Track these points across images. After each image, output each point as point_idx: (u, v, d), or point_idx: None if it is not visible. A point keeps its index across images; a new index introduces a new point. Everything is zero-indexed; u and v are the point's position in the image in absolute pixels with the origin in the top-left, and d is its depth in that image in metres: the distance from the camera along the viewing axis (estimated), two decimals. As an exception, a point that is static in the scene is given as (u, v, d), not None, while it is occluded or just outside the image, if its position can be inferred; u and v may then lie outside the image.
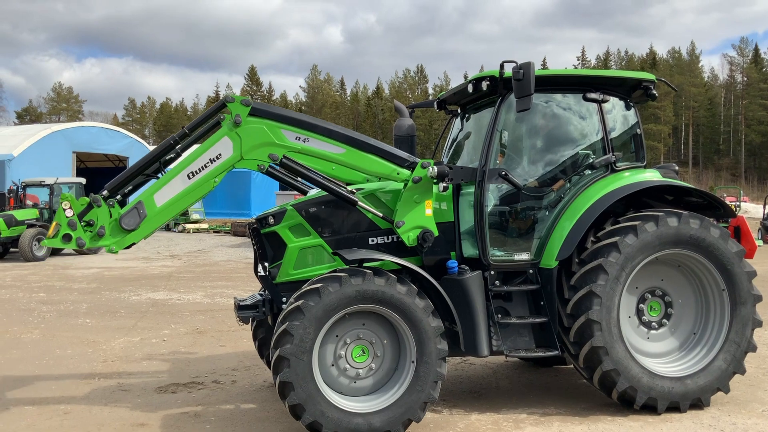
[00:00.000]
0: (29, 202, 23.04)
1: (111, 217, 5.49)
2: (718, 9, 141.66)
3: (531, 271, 6.09)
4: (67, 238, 5.41)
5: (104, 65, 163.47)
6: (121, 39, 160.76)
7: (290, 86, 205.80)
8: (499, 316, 5.89)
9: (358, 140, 5.81)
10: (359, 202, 5.80)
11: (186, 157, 5.67)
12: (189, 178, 5.58)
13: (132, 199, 5.72)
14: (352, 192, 5.88)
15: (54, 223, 5.43)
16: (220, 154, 5.63)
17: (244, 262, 20.33)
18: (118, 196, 5.68)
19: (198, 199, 5.72)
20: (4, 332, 9.96)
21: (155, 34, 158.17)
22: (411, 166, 5.80)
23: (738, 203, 35.27)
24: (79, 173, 33.37)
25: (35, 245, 21.10)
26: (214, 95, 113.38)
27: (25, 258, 20.78)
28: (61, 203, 5.44)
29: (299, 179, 6.08)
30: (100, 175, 37.60)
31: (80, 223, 5.42)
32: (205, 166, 5.61)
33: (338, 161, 5.77)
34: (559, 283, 5.93)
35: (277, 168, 5.77)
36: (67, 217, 5.40)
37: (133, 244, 5.60)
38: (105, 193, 5.58)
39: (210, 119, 5.84)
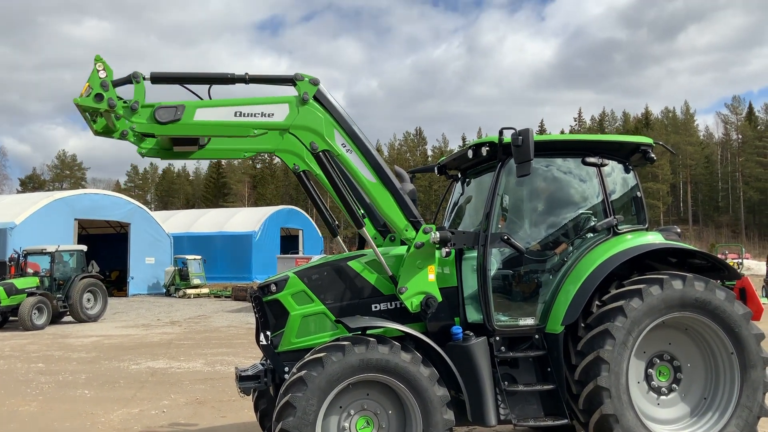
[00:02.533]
0: (30, 271, 22.97)
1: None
2: (713, 69, 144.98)
3: (537, 336, 6.01)
4: (99, 97, 5.28)
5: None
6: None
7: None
8: (506, 383, 5.79)
9: (389, 178, 5.81)
10: (364, 227, 5.83)
11: (243, 98, 5.67)
12: (235, 115, 5.58)
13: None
14: (363, 216, 5.87)
15: (86, 85, 5.33)
16: (273, 114, 5.64)
17: (245, 327, 20.13)
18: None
19: (226, 143, 5.64)
20: (1, 405, 9.77)
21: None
22: (416, 225, 5.80)
23: (740, 261, 35.16)
24: (80, 240, 33.40)
25: (35, 314, 20.95)
26: (216, 160, 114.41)
27: (25, 327, 20.59)
28: (95, 65, 5.34)
29: (317, 195, 6.08)
30: (102, 242, 37.91)
31: (113, 88, 5.33)
32: (254, 115, 5.61)
33: (365, 188, 5.80)
34: (565, 348, 5.85)
35: (306, 172, 5.76)
36: (100, 78, 5.31)
37: (152, 136, 5.52)
38: (146, 75, 5.50)
39: (274, 82, 5.80)
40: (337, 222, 6.41)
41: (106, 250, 36.91)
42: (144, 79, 5.47)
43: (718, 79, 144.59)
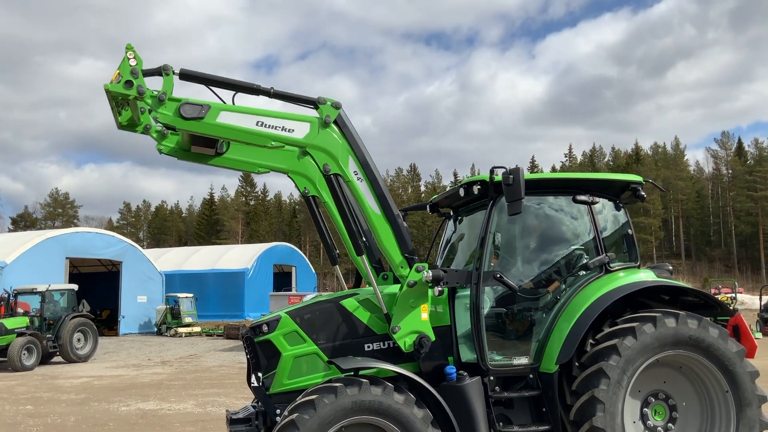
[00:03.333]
0: (20, 310, 22.73)
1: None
2: (702, 105, 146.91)
3: (531, 375, 5.97)
4: (129, 84, 5.38)
5: (103, 170, 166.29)
6: (122, 145, 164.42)
7: (285, 186, 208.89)
8: (501, 424, 5.73)
9: (392, 212, 5.87)
10: (364, 257, 5.85)
11: (268, 110, 5.77)
12: (257, 124, 5.65)
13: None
14: (365, 243, 5.91)
15: (116, 72, 5.43)
16: (293, 130, 5.72)
17: (236, 367, 19.90)
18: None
19: (243, 152, 5.84)
20: (-13, 449, 9.58)
21: (154, 141, 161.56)
22: (411, 262, 5.80)
23: (734, 295, 35.18)
24: (71, 279, 33.17)
25: (24, 355, 20.67)
26: (209, 197, 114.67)
27: (14, 368, 20.29)
28: (126, 53, 5.45)
29: (323, 222, 6.15)
30: (93, 281, 37.63)
31: (142, 76, 5.44)
32: (275, 127, 5.68)
33: (369, 218, 5.84)
34: (560, 387, 5.81)
35: (315, 198, 5.89)
36: (130, 65, 5.41)
37: (173, 129, 5.65)
38: (176, 71, 5.61)
39: (297, 102, 5.87)
40: (338, 251, 6.43)
41: (97, 288, 36.61)
42: (174, 73, 5.61)
43: (708, 114, 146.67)
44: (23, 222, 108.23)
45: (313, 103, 5.80)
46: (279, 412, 5.52)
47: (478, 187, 6.17)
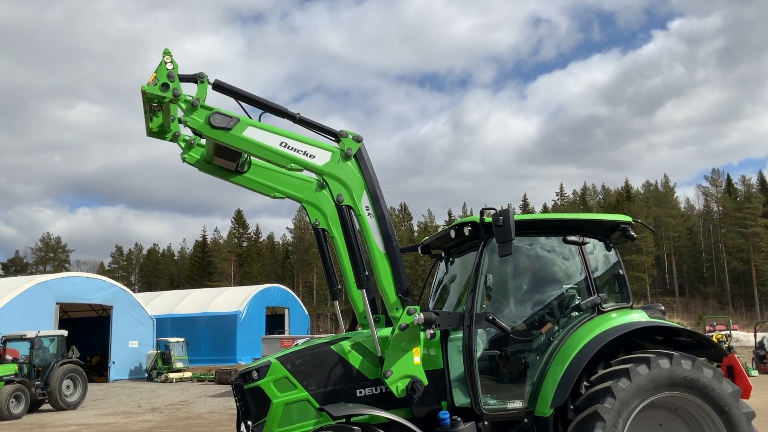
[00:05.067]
0: (9, 357, 22.37)
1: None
2: (691, 143, 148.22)
3: (526, 420, 5.89)
4: (165, 87, 5.56)
5: (96, 214, 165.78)
6: (116, 188, 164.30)
7: (278, 227, 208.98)
8: (496, 471, 5.62)
9: (394, 252, 5.92)
10: (364, 291, 5.87)
11: (294, 133, 5.90)
12: (281, 144, 5.78)
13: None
14: (367, 277, 5.93)
15: (153, 75, 5.57)
16: (314, 156, 5.84)
17: (228, 413, 19.57)
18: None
19: (262, 173, 6.12)
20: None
21: (149, 183, 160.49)
22: (404, 303, 5.79)
23: (729, 332, 35.06)
24: (61, 324, 32.74)
25: (12, 403, 20.27)
26: (201, 239, 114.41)
27: (1, 417, 19.86)
28: (163, 57, 5.62)
29: (329, 255, 6.26)
30: (84, 326, 37.21)
31: (178, 80, 5.59)
32: (297, 150, 5.81)
33: (372, 253, 5.88)
34: (555, 431, 5.72)
35: (324, 231, 6.06)
36: (167, 69, 5.56)
37: (200, 135, 5.82)
38: (211, 80, 5.77)
39: (319, 131, 5.99)
40: (339, 287, 6.41)
41: (87, 333, 36.19)
42: (208, 82, 5.79)
43: (698, 152, 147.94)
44: (14, 267, 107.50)
45: (335, 135, 5.95)
46: (269, 461, 5.41)
47: (469, 228, 6.18)
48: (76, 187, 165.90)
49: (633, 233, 6.48)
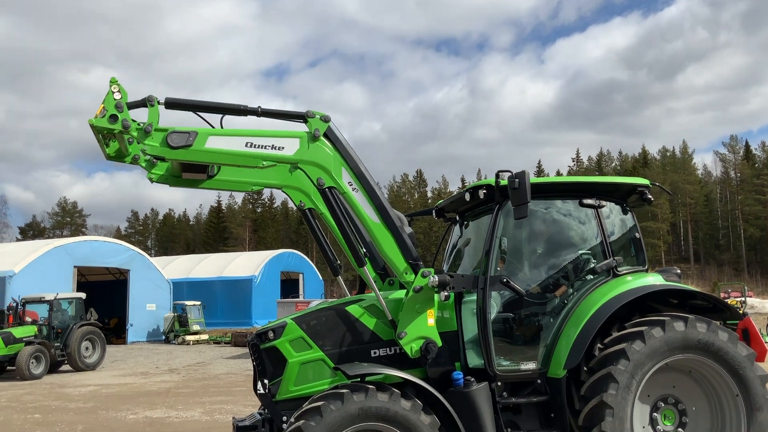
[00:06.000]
0: (28, 319, 22.79)
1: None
2: (712, 108, 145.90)
3: (539, 381, 5.93)
4: (113, 118, 5.36)
5: (113, 179, 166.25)
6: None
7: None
8: (509, 430, 5.70)
9: (392, 219, 5.84)
10: (366, 268, 5.81)
11: (255, 129, 5.75)
12: (246, 145, 5.63)
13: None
14: (365, 254, 5.90)
15: (101, 106, 5.40)
16: (283, 147, 5.71)
17: (244, 374, 19.88)
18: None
19: (235, 174, 5.76)
20: (-5, 458, 9.59)
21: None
22: (416, 268, 5.77)
23: (744, 299, 34.95)
24: (79, 287, 33.27)
25: (32, 363, 20.72)
26: (216, 204, 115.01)
27: (22, 377, 20.33)
28: (110, 86, 5.43)
29: (321, 233, 6.07)
30: (101, 289, 37.74)
31: (127, 110, 5.40)
32: (265, 147, 5.67)
33: (368, 227, 5.82)
34: (568, 393, 5.76)
35: (312, 210, 5.80)
36: (115, 99, 5.39)
37: (162, 159, 5.59)
38: (161, 100, 5.58)
39: (286, 118, 5.88)
40: (339, 262, 6.41)
41: (105, 297, 36.74)
42: (159, 103, 5.59)
43: (718, 118, 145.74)
44: (31, 231, 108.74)
45: (303, 118, 5.78)
46: (285, 419, 5.50)
47: (484, 191, 6.14)
48: (93, 153, 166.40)
49: (650, 196, 6.42)
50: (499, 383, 5.83)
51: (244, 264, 47.30)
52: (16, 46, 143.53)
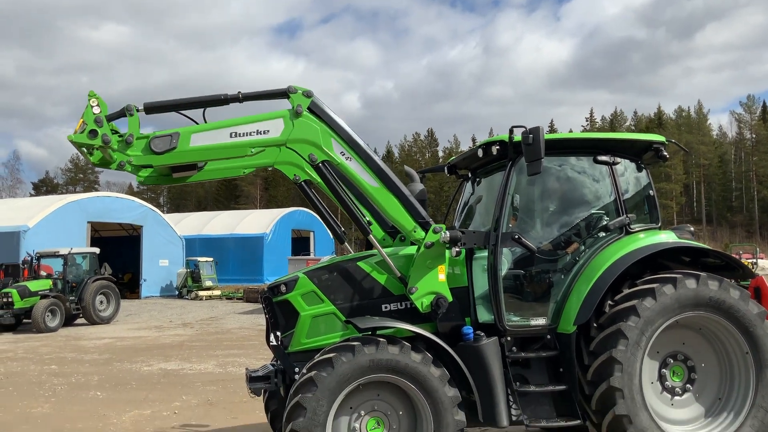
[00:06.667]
0: (43, 273, 23.12)
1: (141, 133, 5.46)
2: (730, 68, 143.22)
3: (548, 336, 5.96)
4: (93, 134, 5.33)
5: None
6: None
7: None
8: (518, 383, 5.74)
9: (392, 181, 5.80)
10: (371, 236, 5.79)
11: (237, 118, 5.68)
12: (231, 136, 5.59)
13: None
14: (369, 223, 5.88)
15: (80, 121, 5.37)
16: (268, 131, 5.64)
17: (256, 329, 20.16)
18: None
19: (225, 164, 5.64)
20: (14, 406, 9.82)
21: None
22: (425, 226, 5.76)
23: (755, 260, 34.81)
24: (93, 243, 33.60)
25: (48, 316, 21.08)
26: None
27: (38, 329, 20.72)
28: (89, 100, 5.38)
29: (320, 204, 5.99)
30: (115, 245, 38.10)
31: (107, 123, 5.37)
32: (250, 134, 5.61)
33: (369, 193, 5.79)
34: (578, 348, 5.79)
35: (307, 182, 5.72)
36: (94, 113, 5.35)
37: (150, 167, 5.54)
38: (139, 107, 5.53)
39: (269, 98, 5.81)
40: (343, 229, 6.41)
41: (118, 252, 37.10)
42: (137, 110, 5.50)
43: (735, 77, 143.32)
44: (45, 187, 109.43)
45: (285, 94, 5.68)
46: (297, 370, 5.57)
47: (497, 147, 6.08)
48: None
49: (665, 153, 6.34)
50: (509, 338, 5.86)
51: (255, 221, 47.54)
52: (26, 0, 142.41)
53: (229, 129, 5.60)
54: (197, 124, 5.65)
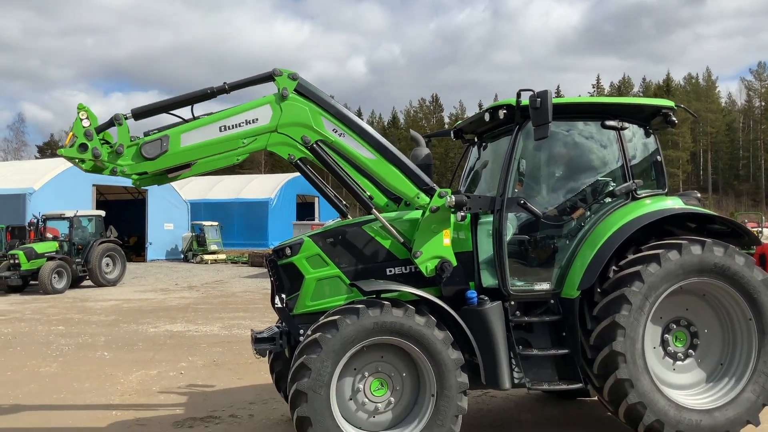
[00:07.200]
0: (49, 235, 23.27)
1: (131, 140, 5.43)
2: (741, 34, 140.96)
3: (552, 301, 5.98)
4: (83, 147, 5.31)
5: (130, 99, 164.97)
6: (148, 73, 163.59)
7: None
8: (521, 347, 5.78)
9: (390, 151, 5.77)
10: (374, 209, 5.79)
11: (224, 111, 5.63)
12: (220, 130, 5.55)
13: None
14: (370, 198, 5.87)
15: (70, 134, 5.35)
16: (257, 119, 5.59)
17: (261, 292, 20.31)
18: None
19: (218, 157, 5.59)
20: (23, 366, 9.96)
21: (182, 68, 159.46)
22: (430, 192, 5.75)
23: (760, 229, 34.76)
24: (98, 206, 33.69)
25: (55, 278, 21.25)
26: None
27: (45, 291, 20.91)
28: (78, 113, 5.34)
29: (319, 180, 6.00)
30: (120, 208, 38.23)
31: (97, 135, 5.35)
32: (239, 125, 5.56)
33: (366, 166, 5.77)
34: (581, 313, 5.81)
35: (303, 160, 5.70)
36: (83, 127, 5.32)
37: (145, 173, 5.52)
38: (128, 114, 5.50)
39: (256, 83, 5.73)
40: (345, 203, 6.39)
41: (124, 215, 37.22)
42: (126, 118, 5.43)
43: (746, 44, 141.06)
44: (50, 150, 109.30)
45: (270, 77, 5.60)
46: (302, 331, 5.60)
47: (504, 111, 6.03)
48: (109, 72, 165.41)
49: (674, 118, 6.28)
50: (513, 302, 5.88)
51: (260, 186, 47.54)
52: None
53: (218, 123, 5.54)
54: (185, 121, 5.57)
